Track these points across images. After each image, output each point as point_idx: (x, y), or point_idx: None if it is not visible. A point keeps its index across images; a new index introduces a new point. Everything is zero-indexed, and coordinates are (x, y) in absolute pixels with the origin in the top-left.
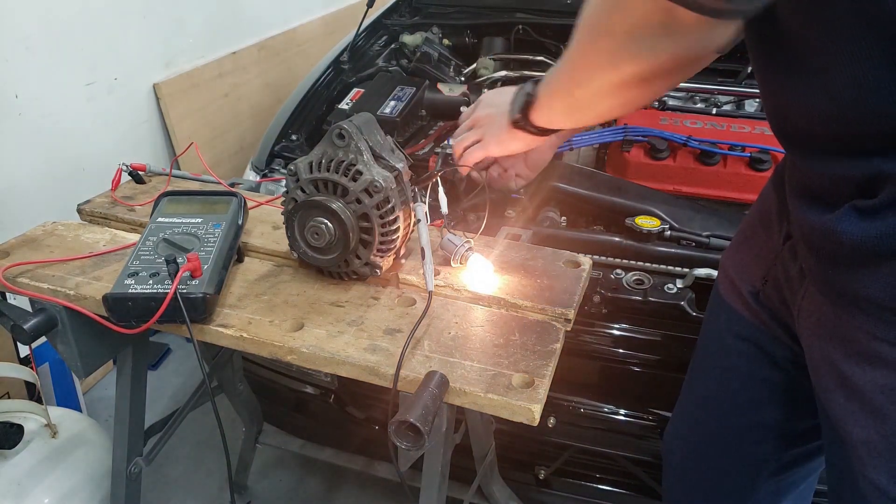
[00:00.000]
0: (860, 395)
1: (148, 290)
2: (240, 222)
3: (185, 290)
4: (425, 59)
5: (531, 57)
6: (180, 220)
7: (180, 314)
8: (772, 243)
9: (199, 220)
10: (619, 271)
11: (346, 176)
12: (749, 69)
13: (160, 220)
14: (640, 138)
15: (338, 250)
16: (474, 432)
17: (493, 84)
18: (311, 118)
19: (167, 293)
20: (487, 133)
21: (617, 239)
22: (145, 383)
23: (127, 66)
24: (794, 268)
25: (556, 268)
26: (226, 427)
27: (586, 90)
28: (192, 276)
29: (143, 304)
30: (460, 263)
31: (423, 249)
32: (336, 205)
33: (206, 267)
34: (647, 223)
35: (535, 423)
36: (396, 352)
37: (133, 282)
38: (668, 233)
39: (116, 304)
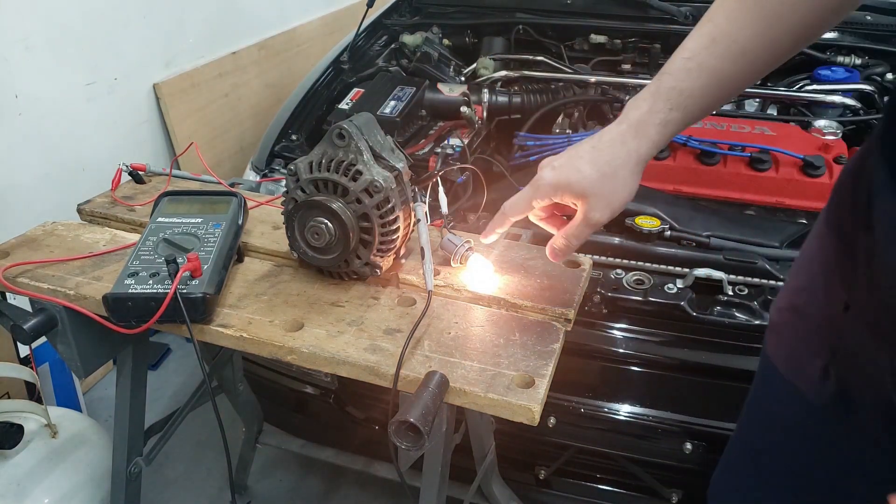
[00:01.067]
0: None
1: (148, 290)
2: (240, 222)
3: (185, 290)
4: (425, 59)
5: (531, 57)
6: (180, 220)
7: (180, 314)
8: (829, 309)
9: (199, 220)
10: (619, 271)
11: (347, 176)
12: None
13: (160, 219)
14: None
15: (338, 250)
16: (474, 432)
17: (493, 84)
18: (311, 118)
19: (167, 293)
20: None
21: (617, 239)
22: (145, 383)
23: (127, 65)
24: (874, 351)
25: (556, 268)
26: (226, 427)
27: None
28: (192, 276)
29: (142, 304)
30: (460, 263)
31: (422, 249)
32: (336, 205)
33: (206, 267)
34: (647, 223)
35: (535, 423)
36: (396, 352)
37: (133, 282)
38: (669, 233)
39: (116, 304)
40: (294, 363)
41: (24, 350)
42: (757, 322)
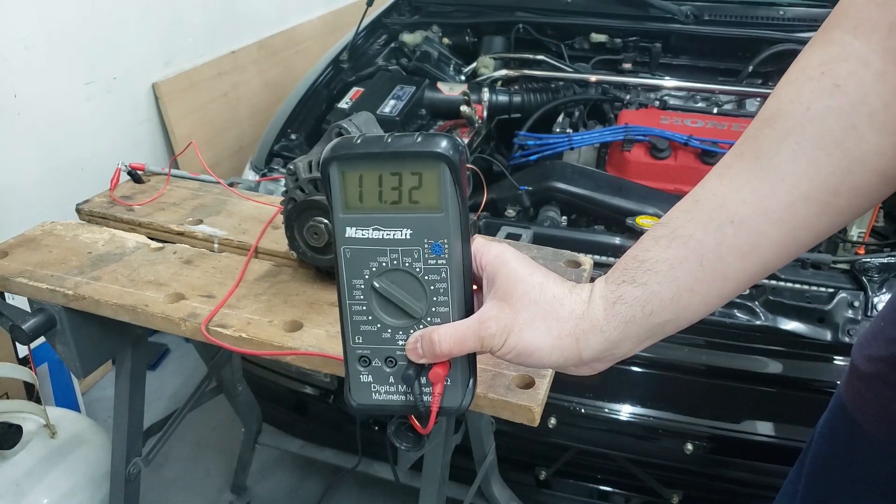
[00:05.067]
0: None
1: (396, 400)
2: (469, 230)
3: (446, 405)
4: (425, 58)
5: (532, 56)
6: (380, 235)
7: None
8: None
9: (409, 236)
10: None
11: None
12: (750, 68)
13: (352, 233)
14: (640, 137)
15: None
16: (474, 433)
17: (493, 83)
18: (311, 117)
19: (419, 405)
20: None
21: (617, 239)
22: (144, 384)
23: (126, 65)
24: None
25: (556, 268)
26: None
27: None
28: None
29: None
30: None
31: None
32: None
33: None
34: (647, 223)
35: (536, 424)
36: None
37: (370, 376)
38: None
39: (363, 411)
40: (293, 364)
41: (22, 350)
42: (758, 322)
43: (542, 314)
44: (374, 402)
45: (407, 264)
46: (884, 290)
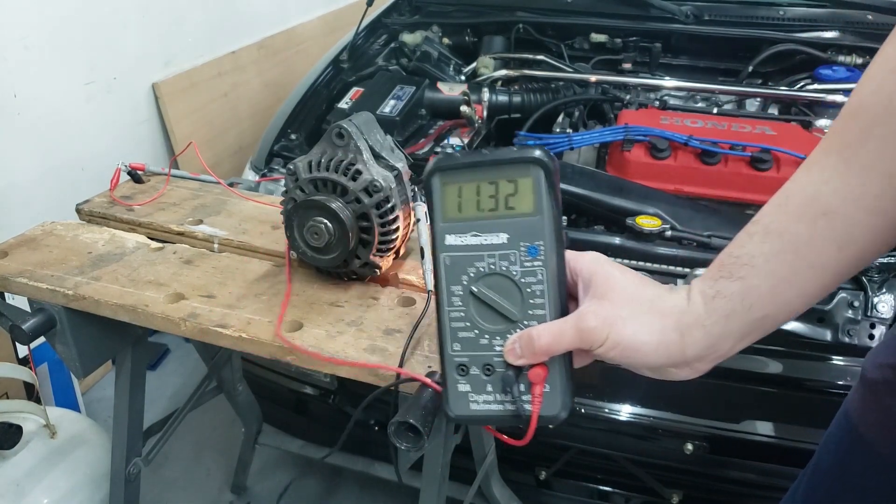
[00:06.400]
0: None
1: (495, 410)
2: (563, 237)
3: (544, 413)
4: (425, 58)
5: (532, 56)
6: (477, 242)
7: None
8: None
9: (505, 240)
10: None
11: (346, 175)
12: (750, 68)
13: (451, 241)
14: (640, 137)
15: (337, 250)
16: (474, 433)
17: (493, 83)
18: (311, 117)
19: (524, 412)
20: None
21: (617, 239)
22: (144, 384)
23: (126, 65)
24: None
25: None
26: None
27: None
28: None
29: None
30: None
31: (422, 249)
32: (335, 204)
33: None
34: (648, 223)
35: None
36: (396, 352)
37: (468, 385)
38: (670, 233)
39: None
40: (293, 364)
41: (22, 350)
42: None
43: (645, 309)
44: (472, 412)
45: (504, 268)
46: (884, 290)
